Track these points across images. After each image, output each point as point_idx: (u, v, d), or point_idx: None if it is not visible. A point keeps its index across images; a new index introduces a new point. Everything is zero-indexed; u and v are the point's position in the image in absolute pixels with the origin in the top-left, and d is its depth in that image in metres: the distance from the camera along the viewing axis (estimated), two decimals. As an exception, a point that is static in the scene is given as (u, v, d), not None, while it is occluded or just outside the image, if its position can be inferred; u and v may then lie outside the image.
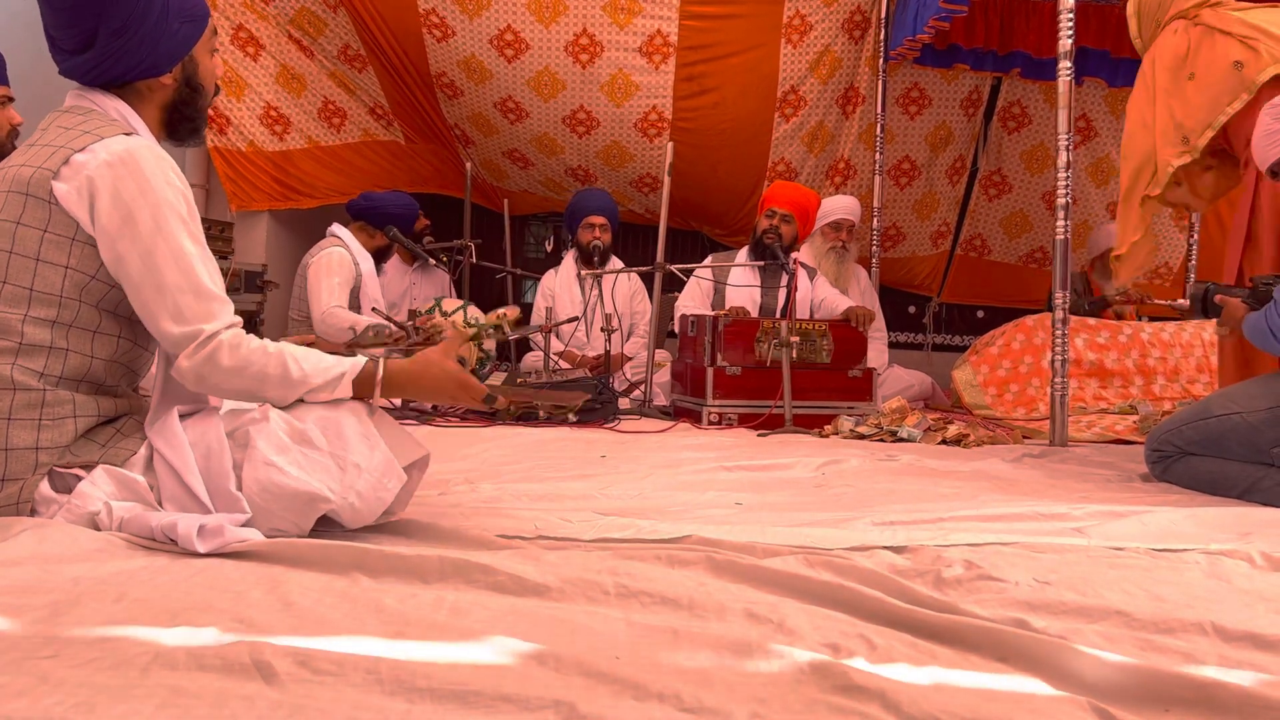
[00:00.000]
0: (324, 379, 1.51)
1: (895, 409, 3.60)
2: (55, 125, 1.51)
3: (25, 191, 1.43)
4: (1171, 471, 2.48)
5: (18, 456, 1.39)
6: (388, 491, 1.50)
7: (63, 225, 1.43)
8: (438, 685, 0.90)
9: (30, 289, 1.42)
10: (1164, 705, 0.93)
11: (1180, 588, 1.38)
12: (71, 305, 1.44)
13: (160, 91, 1.59)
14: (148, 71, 1.56)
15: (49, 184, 1.43)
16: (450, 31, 5.02)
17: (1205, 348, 4.43)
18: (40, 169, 1.44)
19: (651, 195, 5.67)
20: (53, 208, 1.43)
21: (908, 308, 6.19)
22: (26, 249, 1.42)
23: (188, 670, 0.91)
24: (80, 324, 1.46)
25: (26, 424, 1.40)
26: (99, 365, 1.49)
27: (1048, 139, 5.56)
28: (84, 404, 1.46)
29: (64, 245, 1.43)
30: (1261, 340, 2.31)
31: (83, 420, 1.45)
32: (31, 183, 1.43)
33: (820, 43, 5.14)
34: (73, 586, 1.14)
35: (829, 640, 1.08)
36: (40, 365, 1.42)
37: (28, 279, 1.42)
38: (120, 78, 1.54)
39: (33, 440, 1.40)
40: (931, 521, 1.82)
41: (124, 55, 1.52)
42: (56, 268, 1.43)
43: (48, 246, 1.43)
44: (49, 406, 1.42)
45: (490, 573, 1.26)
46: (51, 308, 1.43)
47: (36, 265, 1.42)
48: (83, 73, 1.53)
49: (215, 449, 1.45)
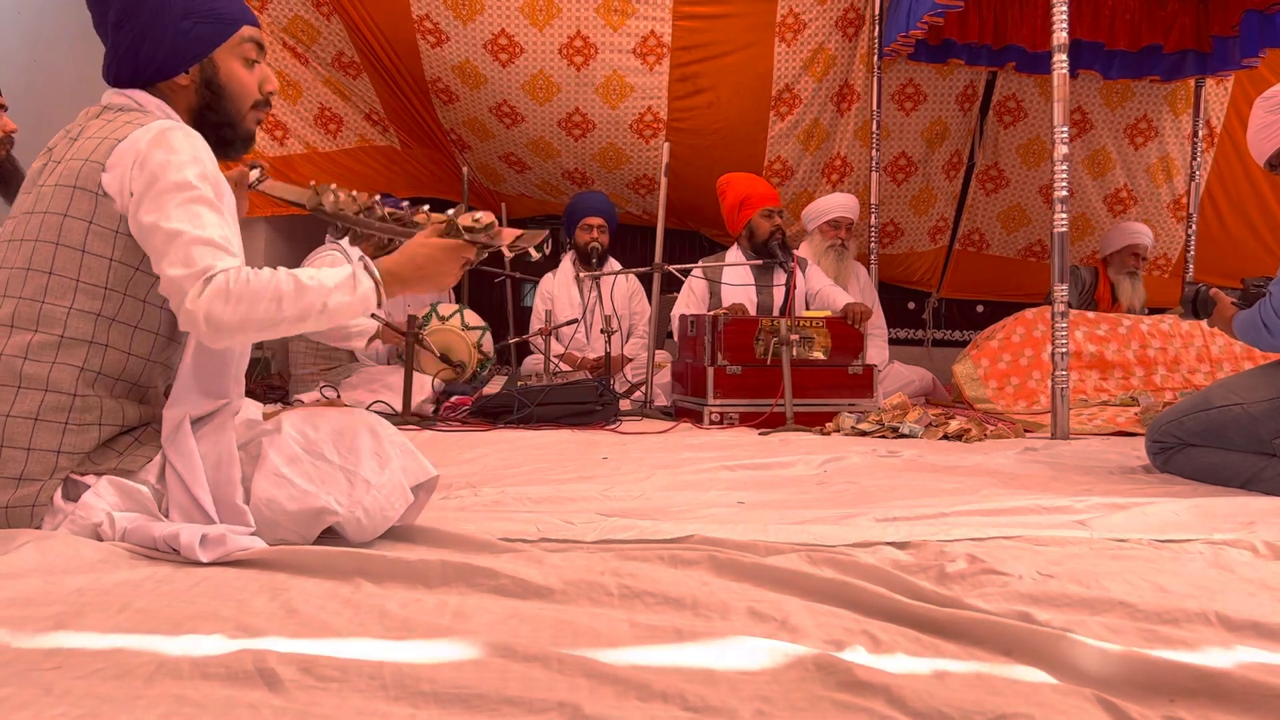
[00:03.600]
0: (337, 279, 1.47)
1: (896, 405, 3.60)
2: (100, 119, 1.52)
3: (74, 184, 1.45)
4: (1173, 463, 2.48)
5: (39, 458, 1.40)
6: (394, 510, 1.50)
7: (108, 217, 1.44)
8: (442, 689, 0.90)
9: (77, 280, 1.43)
10: (1168, 696, 0.93)
11: (1183, 578, 1.38)
12: (115, 298, 1.45)
13: (181, 94, 1.59)
14: (160, 71, 1.56)
15: (98, 176, 1.44)
16: (444, 37, 5.03)
17: (1205, 338, 4.43)
18: (88, 161, 1.45)
19: (648, 196, 5.67)
20: (99, 199, 1.44)
21: (907, 304, 6.19)
22: (72, 240, 1.43)
23: (192, 679, 0.91)
24: (122, 318, 1.46)
25: (52, 426, 1.40)
26: (135, 364, 1.49)
27: (1044, 132, 5.56)
28: (111, 411, 1.46)
29: (109, 237, 1.44)
30: (1255, 336, 2.32)
31: (107, 429, 1.46)
32: (81, 175, 1.45)
33: (814, 41, 5.15)
34: (76, 597, 1.14)
35: (833, 637, 1.07)
36: (80, 360, 1.43)
37: (74, 270, 1.43)
38: (136, 75, 1.55)
39: (56, 443, 1.41)
40: (934, 516, 1.82)
41: (130, 51, 1.53)
42: (101, 259, 1.44)
43: (93, 238, 1.44)
44: (76, 411, 1.42)
45: (493, 576, 1.26)
46: (96, 300, 1.44)
47: (82, 257, 1.44)
48: (109, 72, 1.56)
49: (225, 460, 1.45)
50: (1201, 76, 5.28)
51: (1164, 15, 5.06)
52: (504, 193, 5.87)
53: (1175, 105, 5.58)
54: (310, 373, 4.08)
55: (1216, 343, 4.42)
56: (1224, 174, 5.67)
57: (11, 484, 1.38)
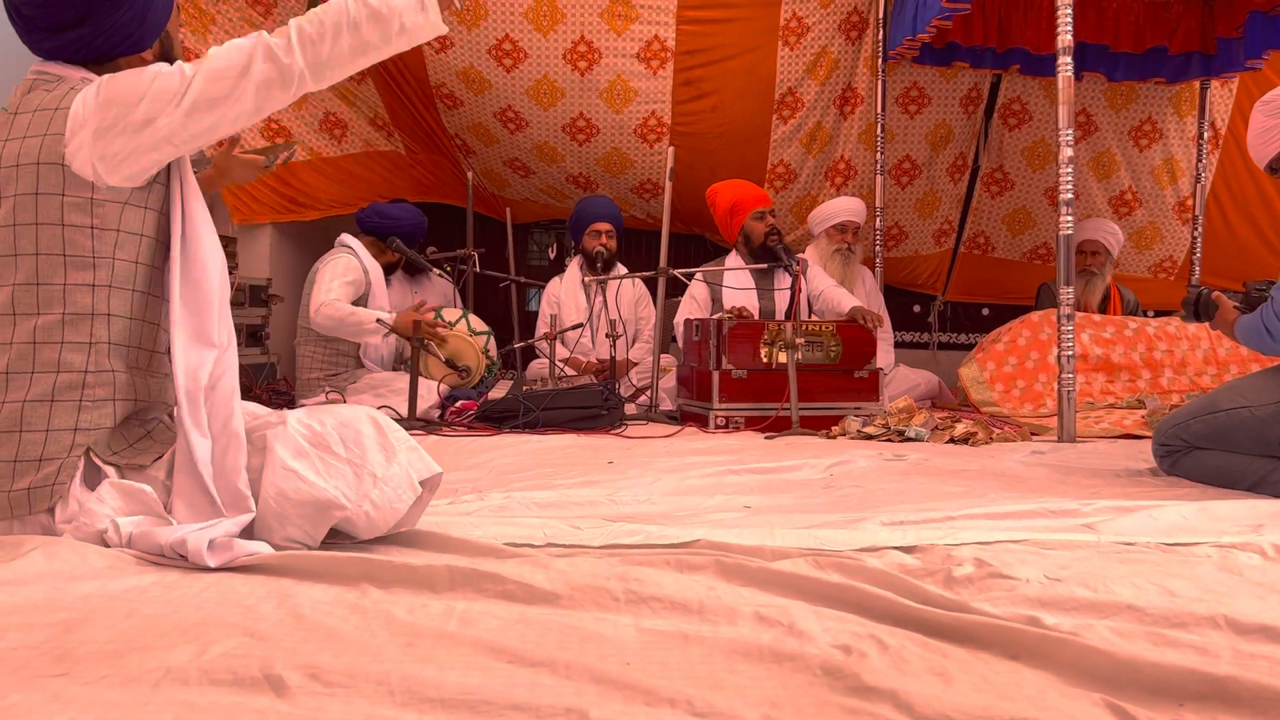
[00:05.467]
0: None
1: (902, 408, 3.59)
2: (36, 91, 1.52)
3: (37, 160, 1.45)
4: (1180, 466, 2.47)
5: (56, 438, 1.41)
6: (402, 503, 1.50)
7: (79, 186, 1.45)
8: (449, 695, 0.90)
9: (63, 255, 1.44)
10: (1178, 700, 0.93)
11: (1192, 581, 1.37)
12: (105, 264, 1.47)
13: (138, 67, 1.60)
14: (134, 46, 1.58)
15: (60, 148, 1.45)
16: (448, 43, 5.04)
17: (1212, 340, 4.42)
18: (46, 135, 1.46)
19: (653, 201, 5.67)
20: (66, 170, 1.45)
21: (912, 307, 6.18)
22: (50, 216, 1.44)
23: (199, 685, 0.91)
24: (118, 283, 1.48)
25: (68, 405, 1.42)
26: (137, 327, 1.51)
27: (1048, 135, 5.55)
28: (123, 384, 1.48)
29: (84, 205, 1.45)
30: (1257, 340, 2.31)
31: (122, 404, 1.48)
32: (42, 150, 1.45)
33: (817, 44, 5.15)
34: (83, 604, 1.15)
35: (840, 642, 1.07)
36: (88, 335, 1.44)
37: (59, 245, 1.44)
38: (110, 53, 1.56)
39: (73, 422, 1.42)
40: (941, 520, 1.82)
41: (117, 28, 1.54)
42: (83, 229, 1.45)
43: (70, 210, 1.45)
44: (90, 388, 1.44)
45: (499, 581, 1.26)
46: (86, 270, 1.45)
47: (63, 230, 1.45)
48: (72, 50, 1.54)
49: (233, 445, 1.46)
50: (1206, 78, 5.27)
51: (1168, 17, 5.06)
52: (509, 197, 5.88)
53: (1180, 107, 5.57)
54: (316, 377, 4.08)
55: (1223, 345, 4.40)
56: (1229, 176, 5.65)
57: (33, 466, 1.40)
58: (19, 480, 1.40)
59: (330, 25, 1.48)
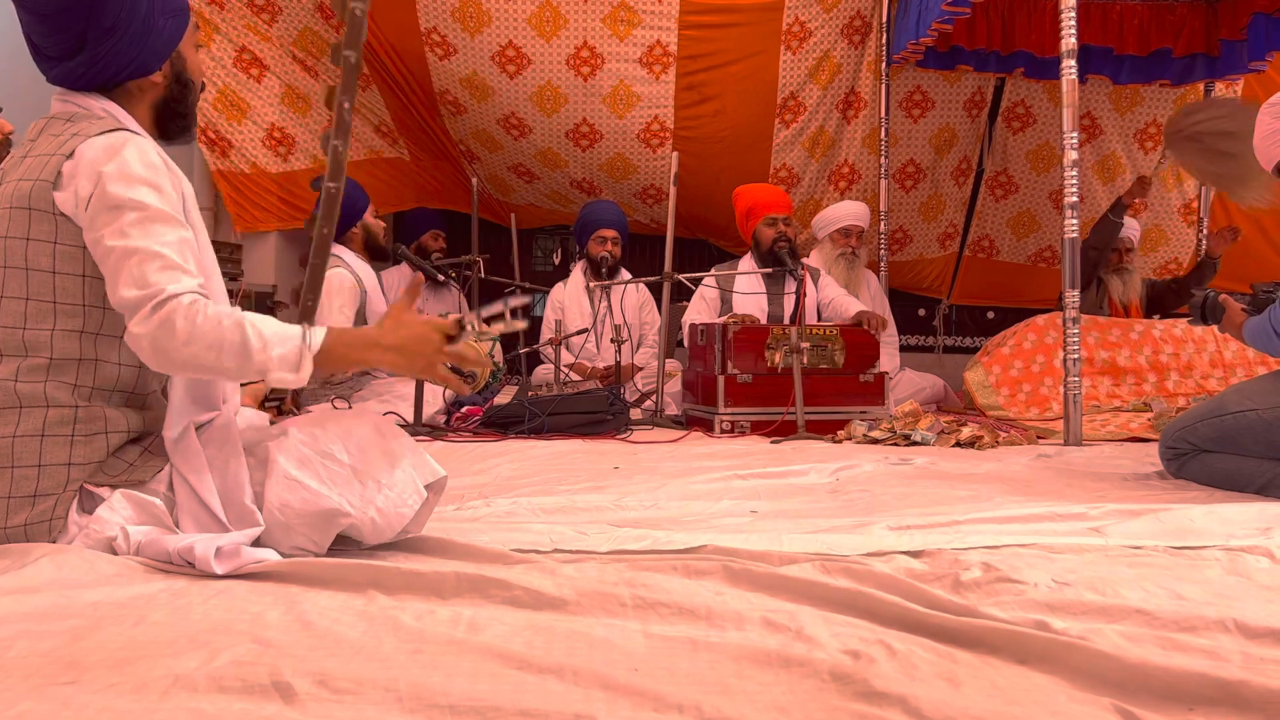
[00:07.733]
0: (284, 349, 1.41)
1: (908, 412, 3.59)
2: (46, 134, 1.51)
3: (28, 206, 1.44)
4: (1187, 469, 2.47)
5: (50, 473, 1.40)
6: (408, 508, 1.50)
7: (70, 235, 1.44)
8: (457, 702, 0.89)
9: (54, 302, 1.43)
10: (1188, 704, 0.92)
11: (1201, 585, 1.37)
12: (95, 313, 1.45)
13: (151, 90, 1.59)
14: (139, 71, 1.56)
15: (50, 195, 1.43)
16: (452, 50, 5.05)
17: (1218, 343, 4.41)
18: (38, 181, 1.44)
19: (656, 206, 5.67)
20: (58, 219, 1.43)
21: (917, 310, 6.18)
22: (41, 264, 1.43)
23: (207, 693, 0.91)
24: (106, 331, 1.46)
25: (60, 440, 1.41)
26: (128, 373, 1.49)
27: (1053, 138, 5.55)
28: (115, 419, 1.47)
29: (76, 254, 1.44)
30: (1265, 342, 2.30)
31: (114, 436, 1.46)
32: (33, 196, 1.44)
33: (820, 49, 5.15)
34: (92, 611, 1.15)
35: (848, 647, 1.07)
36: (73, 379, 1.43)
37: (49, 293, 1.43)
38: (113, 79, 1.54)
39: (65, 456, 1.41)
40: (948, 524, 1.81)
41: (115, 56, 1.52)
42: (74, 277, 1.44)
43: (61, 259, 1.44)
44: (81, 423, 1.43)
45: (506, 587, 1.26)
46: (77, 318, 1.44)
47: (54, 278, 1.43)
48: (75, 78, 1.53)
49: (232, 464, 1.46)
50: (1210, 81, 5.27)
51: (1172, 19, 5.05)
52: (513, 203, 5.88)
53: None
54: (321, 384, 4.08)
55: (1230, 348, 4.39)
56: (1234, 178, 5.64)
57: (27, 502, 1.39)
58: (14, 517, 1.38)
59: (204, 335, 1.38)
